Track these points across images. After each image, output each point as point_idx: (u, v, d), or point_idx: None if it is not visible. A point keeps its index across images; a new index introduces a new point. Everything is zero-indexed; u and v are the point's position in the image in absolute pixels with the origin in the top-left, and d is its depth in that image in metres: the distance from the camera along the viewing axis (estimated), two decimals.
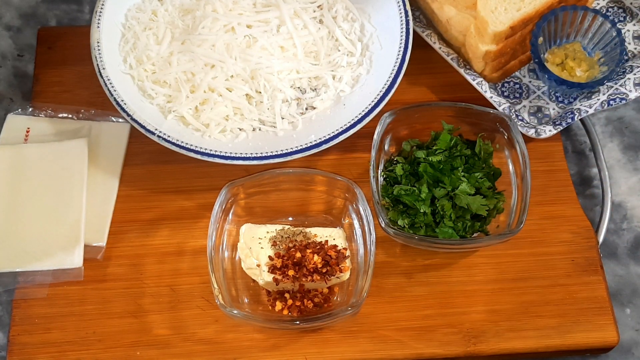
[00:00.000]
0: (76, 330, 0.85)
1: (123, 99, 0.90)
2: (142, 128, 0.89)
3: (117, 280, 0.88)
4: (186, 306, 0.86)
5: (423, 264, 0.89)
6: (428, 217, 0.87)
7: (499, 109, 0.94)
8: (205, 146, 0.89)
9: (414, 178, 0.89)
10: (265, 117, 0.92)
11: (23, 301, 0.86)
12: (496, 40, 0.92)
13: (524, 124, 0.94)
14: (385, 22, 0.97)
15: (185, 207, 0.92)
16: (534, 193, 0.88)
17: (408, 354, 0.85)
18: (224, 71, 0.92)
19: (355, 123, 0.90)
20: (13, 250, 0.87)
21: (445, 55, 0.97)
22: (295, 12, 0.96)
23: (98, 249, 0.89)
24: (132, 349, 0.84)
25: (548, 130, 0.93)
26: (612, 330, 0.86)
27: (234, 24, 0.94)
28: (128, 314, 0.86)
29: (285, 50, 0.95)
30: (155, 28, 0.96)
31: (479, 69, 0.96)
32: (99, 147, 0.95)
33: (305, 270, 0.83)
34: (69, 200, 0.90)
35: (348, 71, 0.95)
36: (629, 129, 1.01)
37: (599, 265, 0.89)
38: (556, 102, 0.97)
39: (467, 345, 0.85)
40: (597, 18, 0.95)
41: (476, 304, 0.87)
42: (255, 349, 0.84)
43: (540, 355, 0.87)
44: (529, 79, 0.99)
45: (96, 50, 0.92)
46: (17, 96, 1.02)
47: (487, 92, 0.95)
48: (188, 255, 0.89)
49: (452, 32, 0.96)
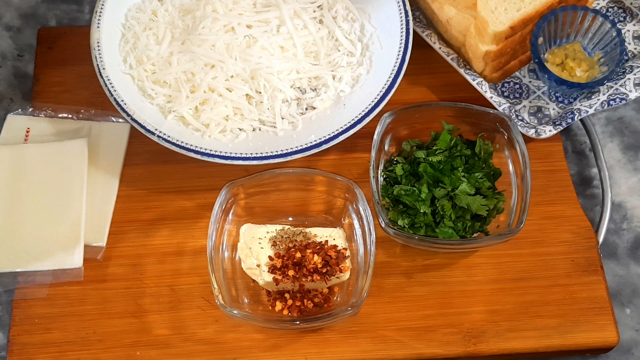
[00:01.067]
0: (76, 330, 0.85)
1: (123, 99, 0.90)
2: (142, 128, 0.89)
3: (117, 281, 0.88)
4: (186, 306, 0.86)
5: (423, 264, 0.89)
6: (428, 217, 0.87)
7: (499, 109, 0.94)
8: (205, 146, 0.89)
9: (414, 178, 0.89)
10: (265, 117, 0.92)
11: (23, 301, 0.86)
12: (496, 41, 0.92)
13: (524, 124, 0.94)
14: (385, 22, 0.97)
15: (185, 207, 0.92)
16: (534, 193, 0.88)
17: (408, 354, 0.85)
18: (224, 71, 0.92)
19: (355, 123, 0.90)
20: (13, 250, 0.87)
21: (445, 55, 0.97)
22: (295, 12, 0.96)
23: (98, 249, 0.89)
24: (132, 349, 0.84)
25: (548, 131, 0.93)
26: (612, 330, 0.86)
27: (234, 24, 0.94)
28: (128, 314, 0.86)
29: (285, 51, 0.95)
30: (155, 28, 0.96)
31: (479, 69, 0.96)
32: (99, 147, 0.95)
33: (305, 270, 0.83)
34: (69, 200, 0.90)
35: (348, 71, 0.95)
36: (629, 129, 1.02)
37: (599, 265, 0.90)
38: (556, 102, 0.97)
39: (467, 345, 0.85)
40: (597, 18, 0.95)
41: (476, 304, 0.87)
42: (255, 349, 0.84)
43: (541, 355, 0.87)
44: (529, 79, 0.99)
45: (96, 50, 0.93)
46: (17, 96, 1.02)
47: (487, 92, 0.95)
48: (188, 256, 0.89)
49: (452, 32, 0.96)
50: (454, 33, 0.96)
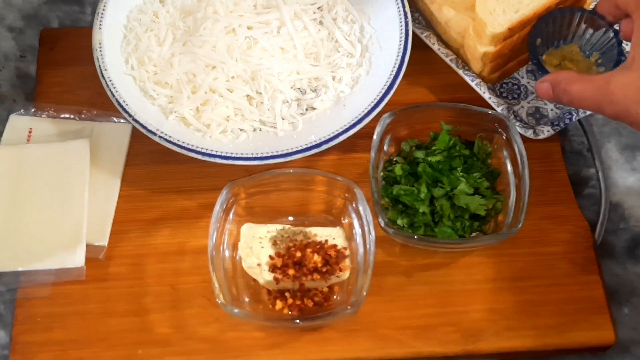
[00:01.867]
0: (78, 329, 0.85)
1: (125, 99, 0.90)
2: (143, 129, 0.89)
3: (118, 280, 0.88)
4: (187, 305, 0.86)
5: (422, 264, 0.89)
6: (427, 216, 0.87)
7: (497, 110, 0.94)
8: (206, 146, 0.89)
9: (413, 178, 0.90)
10: (266, 118, 0.93)
11: (25, 300, 0.86)
12: (494, 42, 0.93)
13: (522, 125, 0.95)
14: (385, 24, 0.97)
15: (186, 207, 0.92)
16: (532, 193, 0.89)
17: (407, 353, 0.85)
18: (225, 72, 0.92)
19: (355, 123, 0.90)
20: (15, 250, 0.88)
21: (444, 56, 0.98)
22: (296, 14, 0.96)
23: (100, 248, 0.89)
24: (133, 348, 0.84)
25: (546, 131, 0.94)
26: (610, 329, 0.86)
27: (235, 25, 0.95)
28: (130, 313, 0.86)
29: (286, 52, 0.95)
30: (157, 29, 0.96)
31: (477, 70, 0.97)
32: (101, 148, 0.95)
33: (305, 269, 0.83)
34: (71, 200, 0.90)
35: (348, 72, 0.96)
36: (626, 129, 1.02)
37: (596, 264, 0.90)
38: (554, 103, 0.98)
39: (466, 344, 0.85)
40: (595, 20, 0.95)
41: (475, 303, 0.87)
42: (256, 347, 0.84)
43: (539, 354, 0.87)
44: (527, 79, 1.00)
45: (98, 51, 0.93)
46: (20, 97, 1.02)
47: (486, 93, 0.96)
48: (189, 255, 0.89)
49: (450, 33, 0.97)
50: (453, 34, 0.97)
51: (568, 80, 0.79)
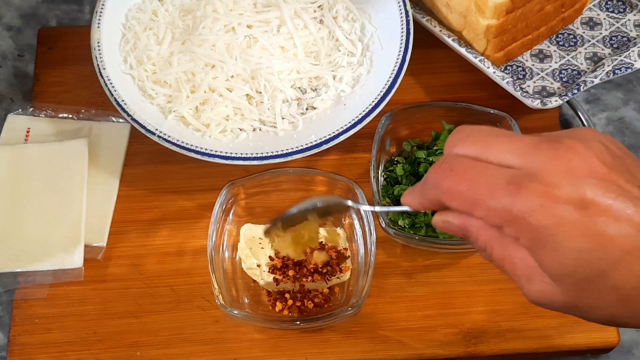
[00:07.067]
0: (76, 330, 0.85)
1: (123, 99, 0.90)
2: (142, 128, 0.89)
3: (117, 281, 0.88)
4: (186, 306, 0.86)
5: (423, 265, 0.89)
6: (428, 217, 0.87)
7: (502, 83, 0.92)
8: (205, 146, 0.89)
9: (415, 178, 0.89)
10: (266, 117, 0.92)
11: (23, 301, 0.86)
12: (497, 14, 0.91)
13: (528, 95, 0.93)
14: (386, 22, 0.97)
15: (185, 207, 0.92)
16: None
17: (408, 354, 0.85)
18: (225, 71, 0.92)
19: (355, 123, 0.90)
20: (13, 250, 0.87)
21: (445, 37, 0.96)
22: (296, 12, 0.96)
23: (98, 249, 0.89)
24: (132, 349, 0.84)
25: (554, 100, 0.92)
26: (613, 330, 0.86)
27: (235, 24, 0.94)
28: (128, 314, 0.86)
29: (286, 51, 0.95)
30: (156, 28, 0.96)
31: (481, 48, 0.94)
32: (100, 147, 0.95)
33: (305, 270, 0.83)
34: (70, 201, 0.90)
35: (348, 71, 0.95)
36: (629, 129, 1.01)
37: None
38: (560, 82, 0.97)
39: (467, 346, 0.85)
40: None
41: (477, 304, 0.87)
42: (256, 349, 0.84)
43: (541, 356, 0.87)
44: (532, 62, 0.99)
45: (96, 50, 0.92)
46: (18, 96, 1.02)
47: (490, 68, 0.93)
48: (188, 256, 0.89)
49: (452, 16, 0.95)
50: (455, 16, 0.94)
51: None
